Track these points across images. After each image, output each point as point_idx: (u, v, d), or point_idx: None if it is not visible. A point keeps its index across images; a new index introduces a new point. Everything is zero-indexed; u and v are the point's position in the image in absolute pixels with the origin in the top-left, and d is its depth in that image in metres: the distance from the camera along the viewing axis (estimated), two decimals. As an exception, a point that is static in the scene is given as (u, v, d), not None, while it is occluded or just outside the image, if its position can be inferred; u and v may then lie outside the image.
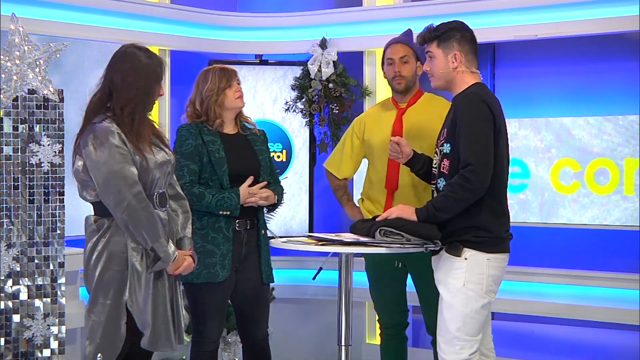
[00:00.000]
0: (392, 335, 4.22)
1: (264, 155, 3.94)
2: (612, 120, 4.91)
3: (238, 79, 3.92)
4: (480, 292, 3.31)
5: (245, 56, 5.87)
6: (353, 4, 5.74)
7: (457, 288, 3.32)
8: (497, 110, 3.35)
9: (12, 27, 4.18)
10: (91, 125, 3.30)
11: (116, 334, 3.31)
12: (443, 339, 3.37)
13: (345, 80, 5.63)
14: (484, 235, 3.31)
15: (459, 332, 3.31)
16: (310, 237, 3.71)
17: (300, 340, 5.80)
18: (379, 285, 4.19)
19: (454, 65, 3.42)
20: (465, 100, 3.34)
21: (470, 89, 3.40)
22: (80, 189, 3.39)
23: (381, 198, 4.05)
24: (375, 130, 4.13)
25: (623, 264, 5.02)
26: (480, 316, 3.33)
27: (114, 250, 3.30)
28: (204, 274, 3.76)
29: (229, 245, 3.79)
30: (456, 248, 3.33)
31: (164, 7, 5.51)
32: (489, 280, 3.32)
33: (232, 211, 3.77)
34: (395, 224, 3.40)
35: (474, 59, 3.46)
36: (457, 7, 5.20)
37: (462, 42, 3.44)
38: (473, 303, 3.31)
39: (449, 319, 3.33)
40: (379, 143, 4.07)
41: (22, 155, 4.20)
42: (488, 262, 3.31)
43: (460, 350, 3.31)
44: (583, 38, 5.09)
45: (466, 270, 3.30)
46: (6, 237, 4.16)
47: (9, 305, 4.17)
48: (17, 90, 4.19)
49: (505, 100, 5.62)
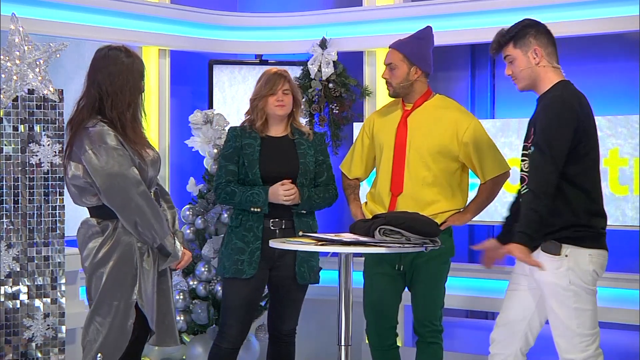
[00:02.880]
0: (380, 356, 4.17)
1: (308, 159, 3.99)
2: (612, 120, 4.91)
3: (287, 87, 3.98)
4: (587, 287, 3.26)
5: (245, 56, 5.87)
6: (353, 4, 5.74)
7: (563, 286, 3.26)
8: (583, 110, 3.27)
9: (12, 27, 4.19)
10: (84, 130, 3.29)
11: (123, 334, 3.32)
12: (564, 340, 3.29)
13: (345, 80, 5.63)
14: (582, 230, 3.25)
15: (581, 328, 3.26)
16: (310, 237, 3.71)
17: (300, 340, 5.79)
18: (374, 286, 4.10)
19: (535, 61, 3.36)
20: (547, 104, 3.28)
21: (554, 90, 3.32)
22: (77, 195, 3.37)
23: (385, 200, 4.01)
24: (383, 129, 4.07)
25: (623, 264, 5.02)
26: (593, 308, 3.28)
27: (122, 251, 3.31)
28: (232, 269, 3.88)
29: (258, 243, 3.88)
30: (555, 247, 3.26)
31: (164, 7, 5.51)
32: (594, 276, 3.27)
33: (261, 207, 3.87)
34: (394, 221, 3.40)
35: (553, 52, 3.40)
36: (457, 7, 5.20)
37: (539, 36, 3.38)
38: (583, 297, 3.26)
39: (567, 319, 3.27)
40: (384, 143, 4.03)
41: (22, 155, 4.20)
42: (590, 257, 3.26)
43: (587, 347, 3.26)
44: (583, 38, 5.09)
45: (568, 267, 3.25)
46: (6, 237, 4.17)
47: (9, 305, 4.17)
48: (17, 90, 4.19)
49: (505, 100, 5.66)
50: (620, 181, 4.95)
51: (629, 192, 4.90)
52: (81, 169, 3.29)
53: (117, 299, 3.31)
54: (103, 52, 3.40)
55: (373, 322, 4.07)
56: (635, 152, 4.84)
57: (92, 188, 3.29)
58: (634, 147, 4.83)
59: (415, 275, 4.00)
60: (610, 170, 4.95)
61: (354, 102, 5.65)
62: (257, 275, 3.88)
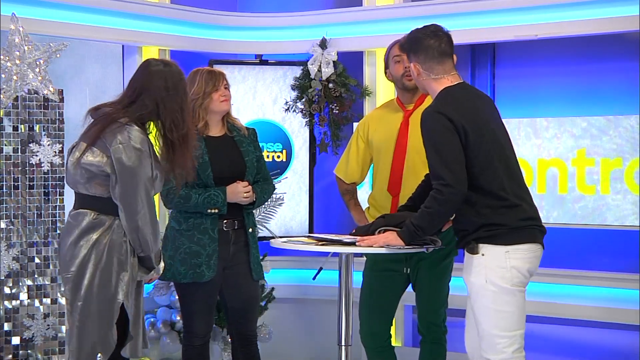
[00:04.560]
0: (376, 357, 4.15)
1: (251, 156, 3.96)
2: (612, 120, 4.91)
3: (226, 82, 3.93)
4: (506, 286, 3.26)
5: (245, 56, 5.87)
6: (353, 4, 5.74)
7: (481, 285, 3.29)
8: (460, 116, 3.28)
9: (12, 27, 4.19)
10: (119, 125, 3.24)
11: (111, 332, 3.26)
12: (483, 341, 3.31)
13: (345, 80, 5.63)
14: (493, 229, 3.28)
15: (496, 329, 3.27)
16: (310, 237, 3.71)
17: (300, 340, 5.80)
18: (372, 284, 4.08)
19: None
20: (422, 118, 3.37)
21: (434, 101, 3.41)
22: (85, 179, 3.25)
23: (386, 202, 4.00)
24: (380, 131, 4.06)
25: (623, 264, 5.02)
26: (513, 309, 3.28)
27: (114, 251, 3.28)
28: (190, 274, 3.81)
29: (215, 245, 3.84)
30: (473, 247, 3.30)
31: (164, 7, 5.51)
32: (513, 273, 3.27)
33: (219, 208, 3.82)
34: (394, 222, 3.40)
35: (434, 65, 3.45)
36: (457, 7, 5.20)
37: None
38: (501, 298, 3.26)
39: (483, 319, 3.29)
40: (383, 145, 4.02)
41: (22, 155, 4.21)
42: (507, 254, 3.27)
43: (504, 349, 3.27)
44: (583, 38, 5.09)
45: (485, 266, 3.28)
46: (6, 237, 4.17)
47: (9, 305, 4.17)
48: (17, 90, 4.19)
49: (505, 100, 5.66)
50: (587, 181, 5.01)
51: (595, 193, 4.96)
52: (106, 159, 3.23)
53: (101, 295, 3.23)
54: (159, 66, 3.35)
55: (367, 320, 4.05)
56: (635, 152, 4.84)
57: (105, 177, 3.24)
58: (634, 147, 4.84)
59: (419, 276, 3.99)
60: (577, 170, 5.00)
61: (354, 102, 5.65)
62: (215, 277, 3.86)
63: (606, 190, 4.95)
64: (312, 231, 5.68)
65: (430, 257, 3.90)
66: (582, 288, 5.04)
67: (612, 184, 4.93)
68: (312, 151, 5.76)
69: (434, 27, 3.46)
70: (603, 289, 4.98)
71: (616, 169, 4.91)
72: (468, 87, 3.47)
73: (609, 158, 4.93)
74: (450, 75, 3.41)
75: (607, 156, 4.94)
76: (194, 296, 3.88)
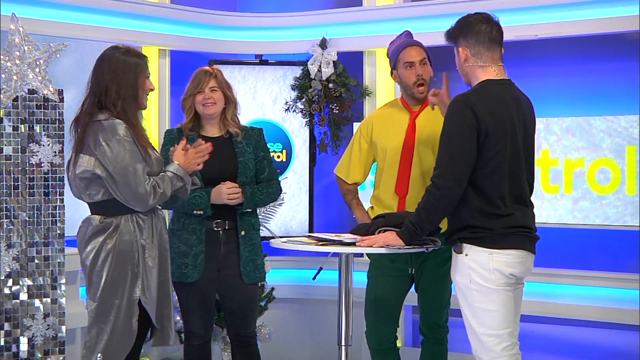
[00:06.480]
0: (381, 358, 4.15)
1: (247, 157, 3.94)
2: (612, 120, 4.91)
3: (214, 83, 3.89)
4: (490, 286, 3.26)
5: (245, 56, 5.87)
6: (353, 4, 5.74)
7: (466, 284, 3.30)
8: (488, 114, 3.24)
9: (12, 27, 4.19)
10: (97, 124, 3.30)
11: (128, 333, 3.34)
12: (472, 339, 3.32)
13: (345, 80, 5.63)
14: (480, 232, 3.27)
15: (482, 327, 3.27)
16: (310, 237, 3.71)
17: (300, 340, 5.80)
18: (379, 287, 4.08)
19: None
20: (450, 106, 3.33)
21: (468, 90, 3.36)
22: (83, 189, 3.35)
23: (392, 204, 3.98)
24: (385, 133, 4.02)
25: (623, 264, 5.02)
26: (498, 308, 3.27)
27: (122, 249, 3.33)
28: (177, 273, 3.83)
29: (202, 246, 3.85)
30: (458, 246, 3.32)
31: (164, 7, 5.51)
32: (496, 275, 3.26)
33: (203, 210, 3.82)
34: (394, 222, 3.39)
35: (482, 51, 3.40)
36: (457, 7, 5.18)
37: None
38: (486, 297, 3.26)
39: (469, 317, 3.30)
40: (390, 146, 3.98)
41: (22, 155, 4.20)
42: (490, 256, 3.27)
43: (492, 347, 3.27)
44: (583, 38, 5.09)
45: (469, 266, 3.29)
46: (6, 237, 4.17)
47: (9, 305, 4.17)
48: (17, 90, 4.19)
49: (505, 100, 5.66)
50: (551, 181, 5.06)
51: (559, 192, 5.01)
52: (93, 161, 3.29)
53: (118, 297, 3.32)
54: (106, 51, 3.45)
55: (374, 323, 4.05)
56: (634, 152, 4.84)
57: (100, 180, 3.29)
58: (634, 147, 4.84)
59: (422, 276, 3.99)
60: (577, 170, 5.01)
61: (354, 102, 5.65)
62: (205, 277, 3.85)
63: (605, 190, 4.95)
64: (312, 231, 5.68)
65: (434, 258, 3.89)
66: (582, 288, 5.04)
67: (612, 184, 4.93)
68: (312, 151, 5.76)
69: (485, 14, 3.43)
70: (603, 289, 4.98)
71: (616, 169, 4.92)
72: (509, 86, 3.39)
73: (608, 158, 4.94)
74: (496, 65, 3.36)
75: (607, 156, 4.94)
76: (185, 296, 3.91)
